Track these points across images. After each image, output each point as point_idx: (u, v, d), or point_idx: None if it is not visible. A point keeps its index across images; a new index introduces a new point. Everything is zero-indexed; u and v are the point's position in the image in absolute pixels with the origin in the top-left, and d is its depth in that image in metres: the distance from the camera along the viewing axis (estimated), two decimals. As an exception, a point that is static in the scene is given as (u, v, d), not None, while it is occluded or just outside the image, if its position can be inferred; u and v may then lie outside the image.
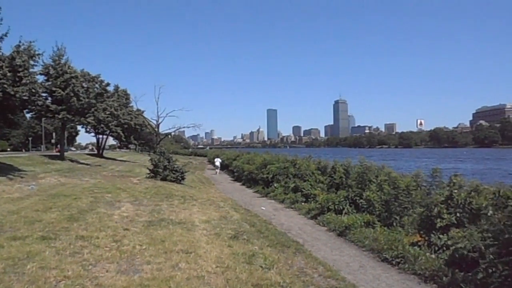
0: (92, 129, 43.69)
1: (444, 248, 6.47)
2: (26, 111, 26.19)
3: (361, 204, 10.37)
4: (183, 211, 9.79)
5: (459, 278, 5.39)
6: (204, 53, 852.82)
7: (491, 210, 5.85)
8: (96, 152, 49.08)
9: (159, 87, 74.81)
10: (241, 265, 5.48)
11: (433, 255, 6.45)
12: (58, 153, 34.62)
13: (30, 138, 71.76)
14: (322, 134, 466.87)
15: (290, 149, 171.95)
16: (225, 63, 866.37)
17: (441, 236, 6.66)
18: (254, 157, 24.96)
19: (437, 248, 6.59)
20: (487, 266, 4.91)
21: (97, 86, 31.21)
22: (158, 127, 49.60)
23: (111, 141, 59.66)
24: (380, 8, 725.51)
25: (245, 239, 7.23)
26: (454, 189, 7.14)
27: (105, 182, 15.66)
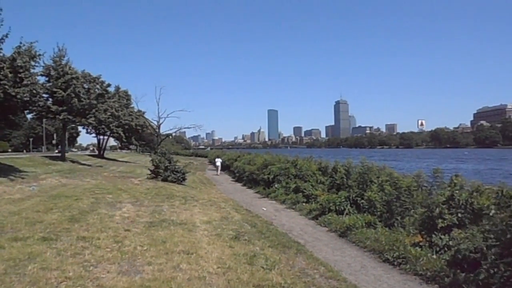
0: (93, 130, 43.66)
1: (445, 249, 6.45)
2: (27, 112, 26.23)
3: (362, 205, 10.36)
4: (184, 212, 9.80)
5: (461, 279, 5.38)
6: (204, 54, 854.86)
7: (494, 210, 5.83)
8: (97, 153, 49.12)
9: (160, 87, 75.59)
10: (242, 265, 5.47)
11: (434, 256, 6.43)
12: (59, 154, 34.64)
13: (31, 139, 71.81)
14: (323, 135, 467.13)
15: (291, 150, 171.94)
16: (226, 64, 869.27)
17: (442, 236, 6.65)
18: (255, 158, 24.91)
19: (438, 249, 6.58)
20: (489, 267, 4.90)
21: (98, 87, 31.20)
22: (159, 128, 49.69)
23: (112, 142, 59.66)
24: (380, 8, 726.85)
25: (246, 239, 7.23)
26: (456, 189, 7.12)
27: (106, 183, 15.68)
